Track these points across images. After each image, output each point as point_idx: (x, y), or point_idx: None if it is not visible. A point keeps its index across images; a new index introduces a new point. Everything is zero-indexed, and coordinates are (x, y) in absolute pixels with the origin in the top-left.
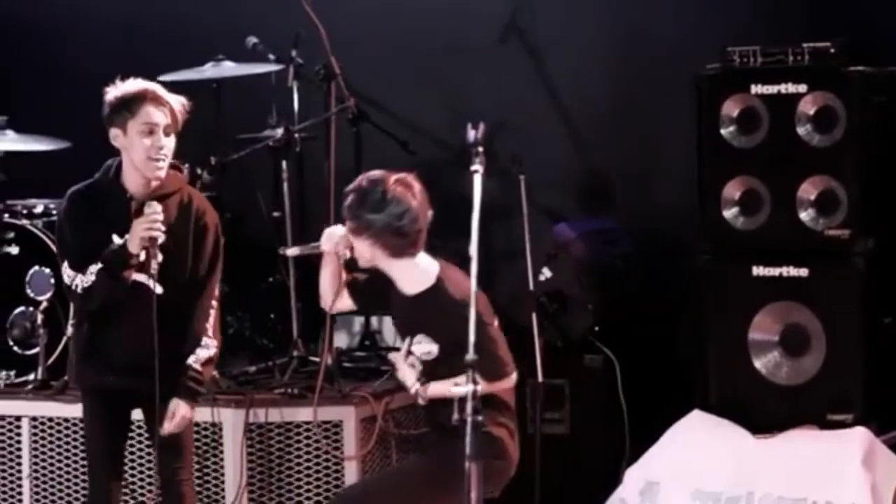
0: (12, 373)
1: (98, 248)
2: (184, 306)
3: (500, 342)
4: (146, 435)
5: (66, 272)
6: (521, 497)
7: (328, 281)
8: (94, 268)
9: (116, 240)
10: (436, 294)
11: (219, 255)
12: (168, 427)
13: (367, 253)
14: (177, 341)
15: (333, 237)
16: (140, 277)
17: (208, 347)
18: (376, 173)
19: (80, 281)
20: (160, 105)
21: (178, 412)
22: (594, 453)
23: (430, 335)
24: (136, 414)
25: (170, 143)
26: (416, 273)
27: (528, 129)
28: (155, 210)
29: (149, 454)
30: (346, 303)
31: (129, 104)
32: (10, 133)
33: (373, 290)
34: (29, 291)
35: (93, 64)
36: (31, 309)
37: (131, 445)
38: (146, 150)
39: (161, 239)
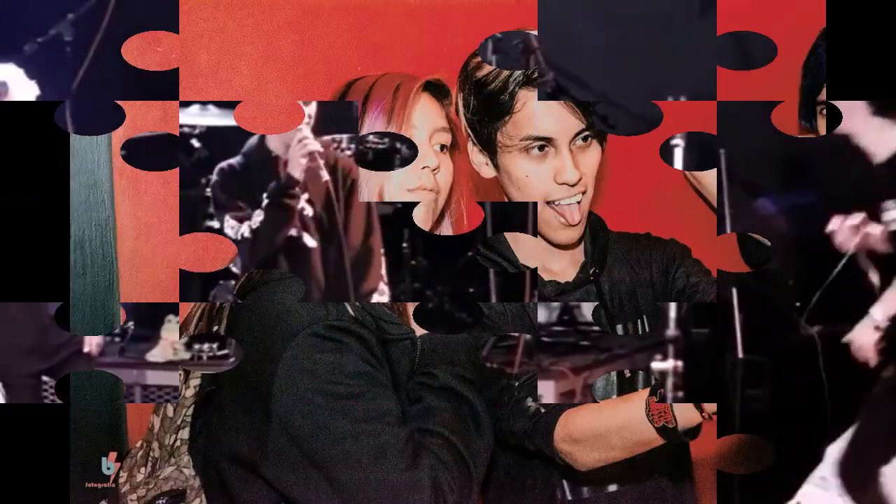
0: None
1: None
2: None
3: None
4: None
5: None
6: (720, 473)
7: None
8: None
9: None
10: None
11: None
12: None
13: None
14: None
15: None
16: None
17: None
18: None
19: (248, 225)
20: None
21: None
22: (795, 431)
23: None
24: None
25: None
26: None
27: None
28: (302, 132)
29: None
30: None
31: None
32: (211, 108)
33: None
34: (230, 265)
35: None
36: (232, 283)
37: None
38: None
39: (318, 150)
